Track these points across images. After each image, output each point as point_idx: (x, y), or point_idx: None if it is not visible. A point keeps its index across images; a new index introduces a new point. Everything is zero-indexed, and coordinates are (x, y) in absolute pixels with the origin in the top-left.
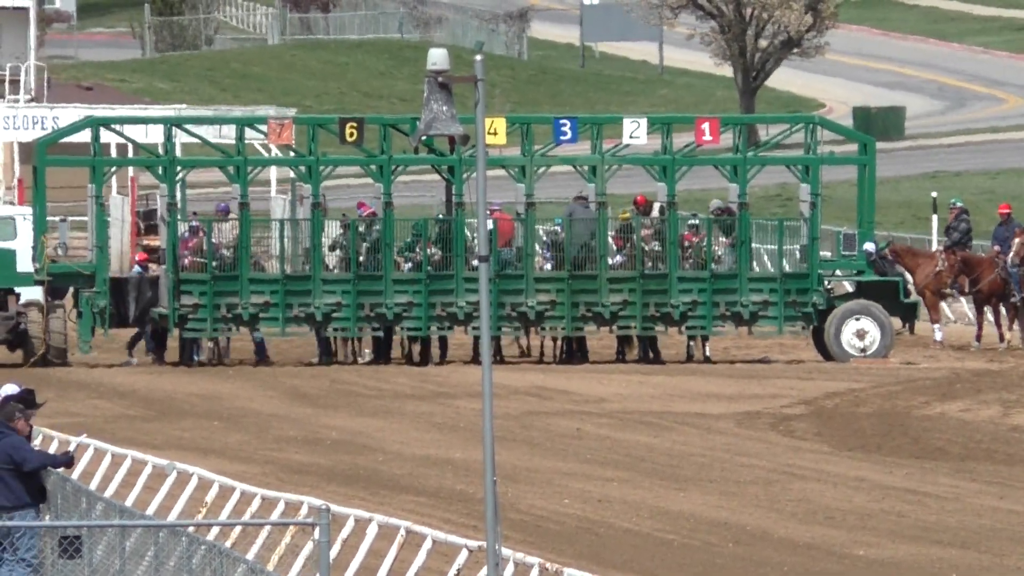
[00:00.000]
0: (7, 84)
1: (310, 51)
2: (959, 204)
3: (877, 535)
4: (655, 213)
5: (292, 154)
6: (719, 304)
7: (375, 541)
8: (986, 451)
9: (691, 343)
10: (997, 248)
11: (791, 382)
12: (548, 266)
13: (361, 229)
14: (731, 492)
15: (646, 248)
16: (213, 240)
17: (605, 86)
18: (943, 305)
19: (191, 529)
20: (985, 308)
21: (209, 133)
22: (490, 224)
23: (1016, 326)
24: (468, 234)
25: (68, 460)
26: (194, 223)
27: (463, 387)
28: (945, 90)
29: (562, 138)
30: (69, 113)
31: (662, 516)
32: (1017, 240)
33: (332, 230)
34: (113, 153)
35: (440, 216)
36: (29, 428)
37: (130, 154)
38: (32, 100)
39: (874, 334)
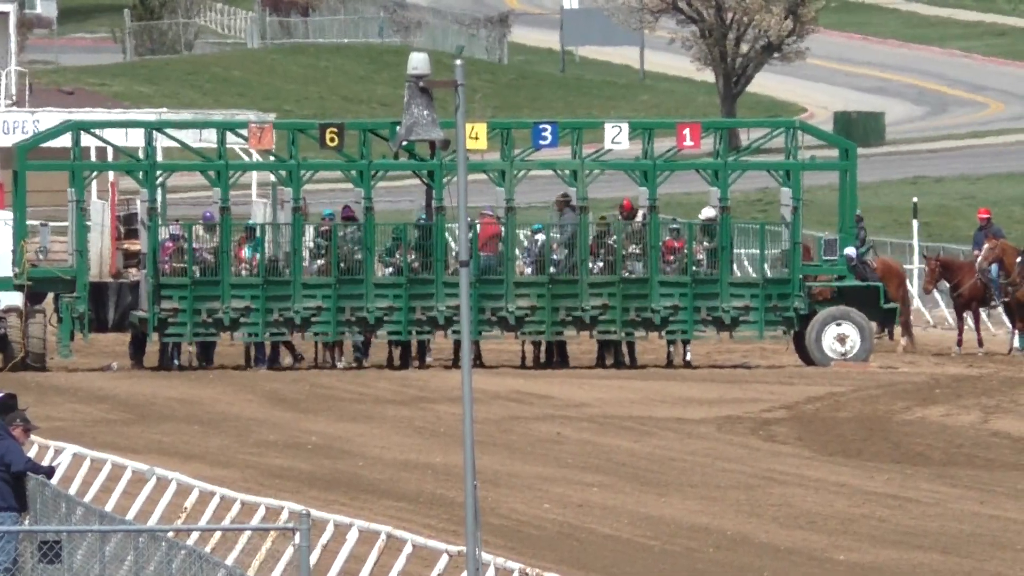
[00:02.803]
0: None
1: (290, 55)
2: (856, 211)
3: (858, 540)
4: (638, 218)
5: (273, 159)
6: (700, 309)
7: (356, 546)
8: (967, 456)
9: (671, 348)
10: (977, 253)
11: (772, 387)
12: (528, 270)
13: (341, 234)
14: (712, 497)
15: (625, 253)
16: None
17: (586, 91)
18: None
19: (171, 534)
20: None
21: (190, 137)
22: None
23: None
24: (449, 239)
25: (50, 471)
26: (175, 230)
27: (443, 391)
28: (926, 95)
29: (542, 143)
30: (50, 117)
31: (643, 521)
32: (987, 245)
33: (312, 234)
34: (93, 157)
35: (421, 220)
36: (27, 437)
37: (110, 158)
38: (13, 105)
39: (855, 339)
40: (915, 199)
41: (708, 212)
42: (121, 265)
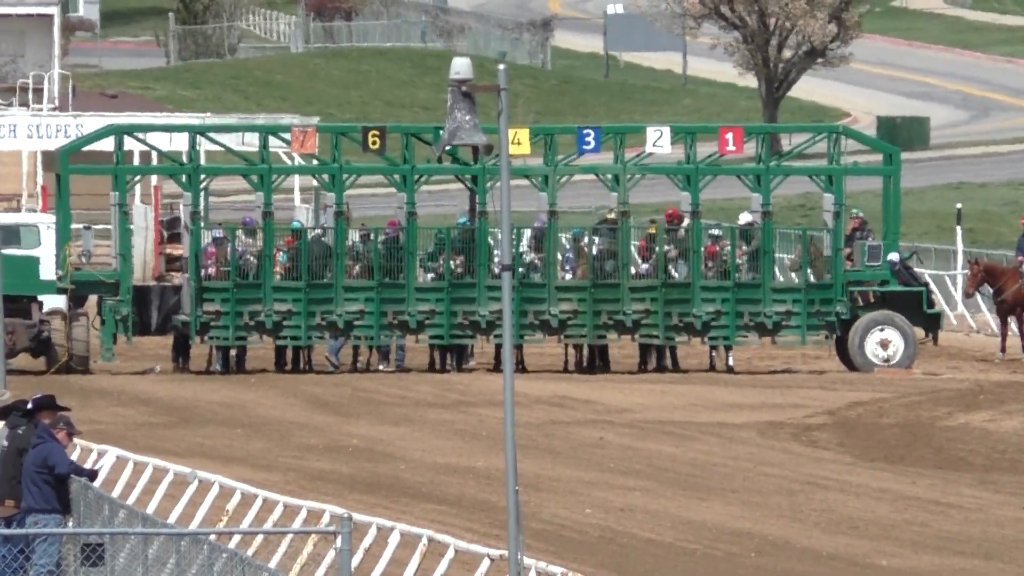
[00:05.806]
0: (31, 92)
1: (333, 59)
2: (860, 214)
3: (900, 545)
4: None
5: (315, 163)
6: (742, 314)
7: (397, 550)
8: (1010, 462)
9: (714, 353)
10: (1021, 258)
11: (814, 392)
12: (568, 276)
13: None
14: (754, 502)
15: (667, 258)
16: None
17: (629, 96)
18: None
19: (213, 537)
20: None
21: (232, 141)
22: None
23: None
24: (492, 243)
25: (92, 474)
26: (217, 233)
27: (485, 395)
28: (970, 100)
29: (585, 148)
30: (93, 121)
31: (684, 526)
32: None
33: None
34: (136, 161)
35: (460, 223)
36: (70, 440)
37: (153, 162)
38: (56, 109)
39: (898, 344)
40: (959, 205)
41: (746, 217)
42: (164, 269)
